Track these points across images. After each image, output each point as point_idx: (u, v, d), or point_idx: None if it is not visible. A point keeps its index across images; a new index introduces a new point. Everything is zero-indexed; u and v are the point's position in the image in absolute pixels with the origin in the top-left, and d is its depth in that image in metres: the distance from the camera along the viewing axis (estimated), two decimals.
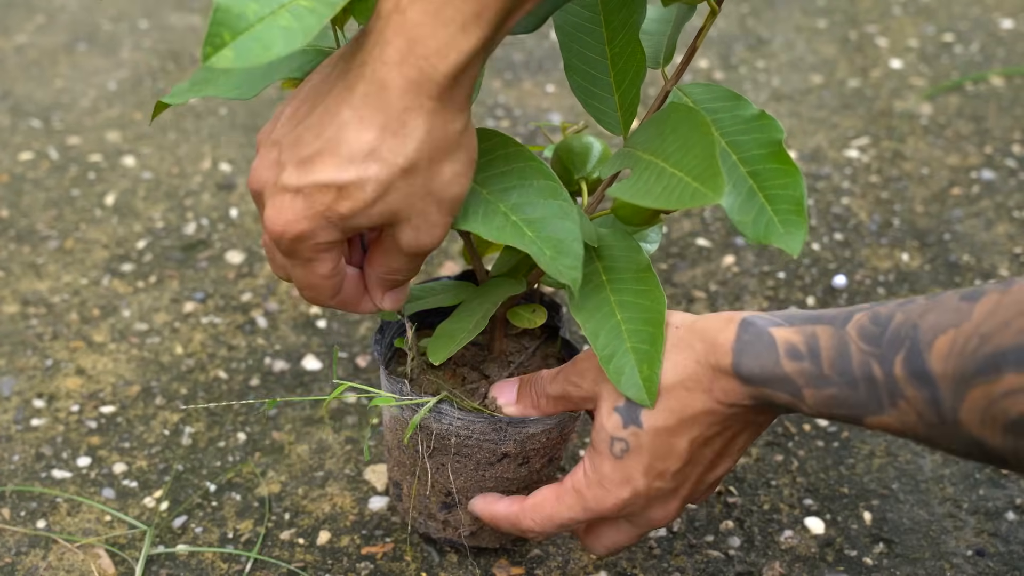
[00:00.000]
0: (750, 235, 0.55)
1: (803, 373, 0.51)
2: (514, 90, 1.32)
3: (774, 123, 0.56)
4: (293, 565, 0.71)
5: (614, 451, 0.56)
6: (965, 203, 1.09)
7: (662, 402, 0.55)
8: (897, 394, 0.48)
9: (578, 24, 0.61)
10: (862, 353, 0.49)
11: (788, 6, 1.52)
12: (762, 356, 0.52)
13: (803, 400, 0.51)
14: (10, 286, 0.98)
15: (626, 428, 0.56)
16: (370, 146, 0.48)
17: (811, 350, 0.51)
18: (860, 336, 0.49)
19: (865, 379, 0.49)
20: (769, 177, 0.55)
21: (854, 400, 0.50)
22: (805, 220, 0.54)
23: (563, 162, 0.67)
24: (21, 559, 0.72)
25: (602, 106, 0.62)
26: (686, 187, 0.50)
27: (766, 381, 0.52)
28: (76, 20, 1.50)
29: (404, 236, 0.52)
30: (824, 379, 0.50)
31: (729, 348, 0.53)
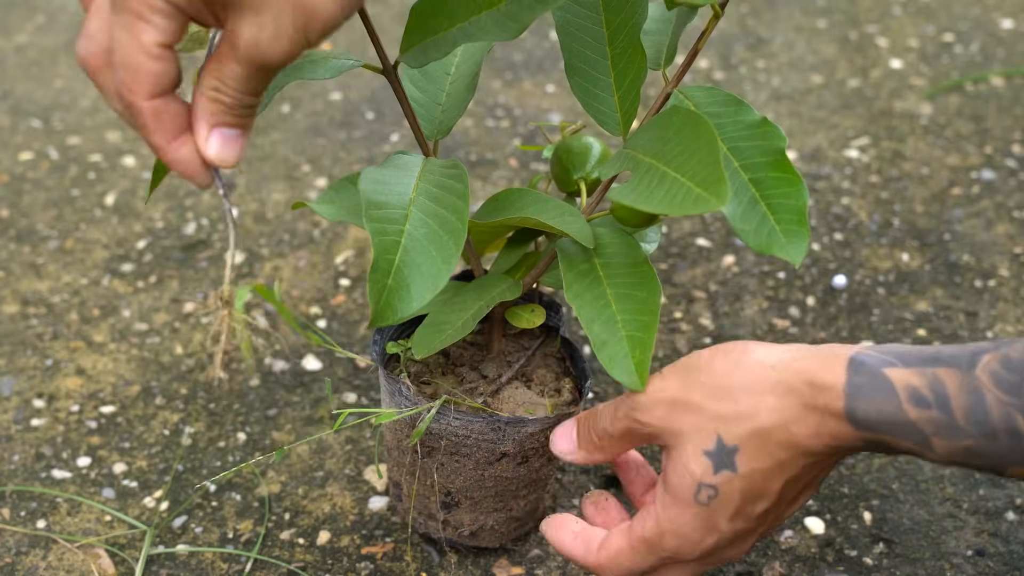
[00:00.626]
0: (752, 244, 0.55)
1: (932, 421, 0.47)
2: (514, 90, 1.32)
3: (776, 130, 0.56)
4: (293, 565, 0.71)
5: (700, 498, 0.53)
6: (965, 203, 1.09)
7: (762, 444, 0.51)
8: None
9: (579, 24, 0.61)
10: (1001, 404, 0.45)
11: (788, 6, 1.52)
12: (879, 401, 0.48)
13: (931, 449, 0.48)
14: (10, 286, 0.98)
15: (718, 474, 0.52)
16: None
17: (938, 397, 0.47)
18: (995, 384, 0.46)
19: (1008, 432, 0.45)
20: (771, 186, 0.55)
21: (994, 452, 0.46)
22: (807, 230, 0.54)
23: (562, 162, 0.67)
24: (21, 559, 0.72)
25: (602, 107, 0.62)
26: (689, 192, 0.50)
27: (887, 428, 0.49)
28: (76, 20, 1.50)
29: (244, 31, 0.43)
30: (958, 429, 0.47)
31: (841, 391, 0.49)
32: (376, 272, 0.52)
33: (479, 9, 0.54)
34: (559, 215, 0.59)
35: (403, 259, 0.53)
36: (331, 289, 0.98)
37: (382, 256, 0.53)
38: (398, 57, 0.59)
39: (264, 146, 1.21)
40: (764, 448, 0.51)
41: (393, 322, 0.53)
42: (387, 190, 0.55)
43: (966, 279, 0.98)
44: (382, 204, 0.54)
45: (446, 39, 0.55)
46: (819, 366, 0.50)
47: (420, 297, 0.53)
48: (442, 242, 0.53)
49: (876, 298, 0.96)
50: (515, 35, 0.53)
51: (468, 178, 0.57)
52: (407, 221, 0.54)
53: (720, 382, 0.53)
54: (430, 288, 0.53)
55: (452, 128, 0.66)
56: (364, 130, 1.24)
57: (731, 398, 0.52)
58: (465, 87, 0.67)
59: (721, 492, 0.52)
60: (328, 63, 0.60)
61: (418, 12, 0.57)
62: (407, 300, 0.53)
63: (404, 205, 0.55)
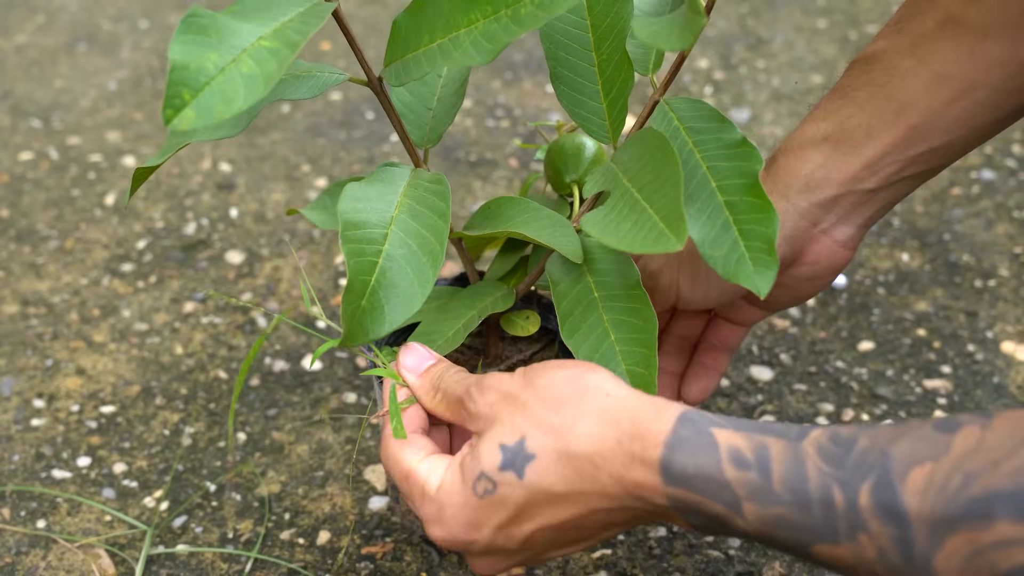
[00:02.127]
0: (720, 271, 0.54)
1: (747, 484, 0.45)
2: (514, 90, 1.32)
3: (755, 152, 0.55)
4: (293, 565, 0.71)
5: (476, 489, 0.50)
6: (965, 203, 1.09)
7: (559, 467, 0.48)
8: (858, 526, 0.42)
9: (564, 31, 0.60)
10: (821, 474, 0.44)
11: (788, 6, 1.52)
12: (700, 456, 0.46)
13: (741, 514, 0.45)
14: (10, 286, 0.98)
15: (503, 472, 0.49)
16: None
17: (760, 460, 0.45)
18: (819, 454, 0.44)
19: (822, 503, 0.43)
20: (744, 211, 0.54)
21: (804, 523, 0.44)
22: (775, 260, 0.53)
23: (555, 164, 0.67)
24: (21, 559, 0.72)
25: (590, 115, 0.61)
26: (652, 227, 0.50)
27: (700, 486, 0.46)
28: (76, 20, 1.50)
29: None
30: (772, 495, 0.44)
31: (661, 440, 0.47)
32: (350, 293, 0.52)
33: (458, 27, 0.54)
34: (549, 227, 0.58)
35: (379, 280, 0.53)
36: (331, 289, 0.98)
37: (357, 277, 0.53)
38: (381, 72, 0.58)
39: (264, 146, 1.21)
40: (561, 470, 0.48)
41: (364, 342, 0.53)
42: (368, 207, 0.55)
43: (966, 279, 0.98)
44: (361, 224, 0.54)
45: (426, 56, 0.55)
46: (648, 411, 0.48)
47: (392, 319, 0.53)
48: (420, 264, 0.53)
49: (876, 298, 0.96)
50: (490, 58, 0.51)
51: (450, 193, 0.56)
52: (387, 241, 0.54)
53: (554, 390, 0.51)
54: (404, 310, 0.53)
55: (443, 135, 0.66)
56: (364, 130, 1.24)
57: (554, 408, 0.50)
58: (454, 92, 0.66)
59: (498, 492, 0.49)
60: (312, 79, 0.59)
61: (400, 27, 0.56)
62: (380, 321, 0.53)
63: (385, 224, 0.55)
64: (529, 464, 0.49)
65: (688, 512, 0.47)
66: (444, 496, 0.52)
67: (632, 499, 0.48)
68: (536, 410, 0.50)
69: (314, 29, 0.49)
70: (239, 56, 0.47)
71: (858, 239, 0.62)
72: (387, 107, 0.61)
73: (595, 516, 0.49)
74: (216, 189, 1.13)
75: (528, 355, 0.70)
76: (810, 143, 0.60)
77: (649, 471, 0.47)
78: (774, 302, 0.66)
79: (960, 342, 0.91)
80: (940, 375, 0.87)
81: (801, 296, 0.65)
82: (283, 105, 1.29)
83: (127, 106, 1.29)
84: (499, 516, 0.50)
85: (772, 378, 0.87)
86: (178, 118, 0.45)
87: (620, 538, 0.73)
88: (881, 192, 0.60)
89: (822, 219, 0.61)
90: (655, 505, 0.48)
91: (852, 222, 0.61)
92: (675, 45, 0.51)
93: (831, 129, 0.59)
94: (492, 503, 0.50)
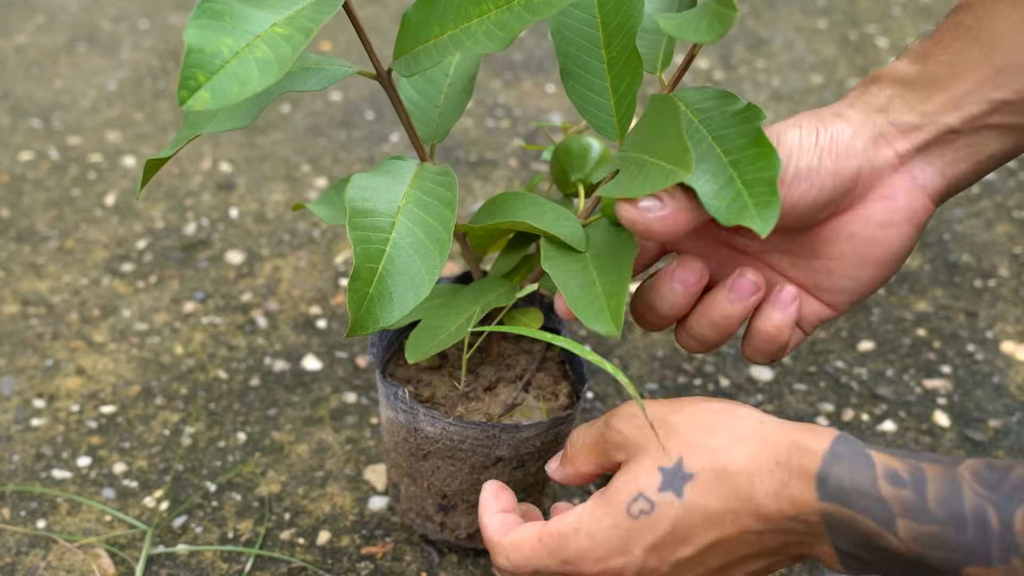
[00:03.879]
0: (723, 218, 0.51)
1: (902, 501, 0.45)
2: (514, 90, 1.32)
3: (758, 112, 0.54)
4: (293, 565, 0.71)
5: (631, 510, 0.50)
6: (965, 203, 1.09)
7: (717, 485, 0.49)
8: (1012, 550, 0.43)
9: (575, 28, 0.61)
10: (976, 496, 0.44)
11: (788, 6, 1.52)
12: (856, 471, 0.46)
13: (894, 531, 0.45)
14: (10, 286, 0.98)
15: (662, 492, 0.49)
16: None
17: (915, 480, 0.46)
18: (974, 478, 0.45)
19: (976, 523, 0.44)
20: (747, 163, 0.53)
21: (958, 543, 0.44)
22: (777, 200, 0.51)
23: (561, 164, 0.67)
24: (21, 559, 0.72)
25: (598, 111, 0.61)
26: (661, 170, 0.49)
27: (855, 500, 0.46)
28: (76, 20, 1.50)
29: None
30: (926, 513, 0.45)
31: (820, 455, 0.47)
32: (357, 280, 0.52)
33: (469, 17, 0.54)
34: (553, 219, 0.59)
35: (387, 268, 0.53)
36: (331, 289, 0.98)
37: (364, 264, 0.52)
38: (391, 64, 0.59)
39: (264, 146, 1.21)
40: (719, 489, 0.49)
41: (373, 331, 0.53)
42: (375, 196, 0.55)
43: (966, 279, 0.98)
44: (368, 212, 0.54)
45: (437, 47, 0.55)
46: (806, 432, 0.49)
47: (402, 306, 0.53)
48: (427, 252, 0.53)
49: (876, 298, 0.96)
50: (504, 45, 0.52)
51: (457, 184, 0.56)
52: (394, 229, 0.54)
53: (704, 417, 0.51)
54: (413, 297, 0.53)
55: (449, 131, 0.66)
56: (364, 130, 1.24)
57: (709, 432, 0.50)
58: (462, 89, 0.67)
59: (656, 512, 0.50)
60: (320, 72, 0.60)
61: (410, 19, 0.57)
62: (389, 309, 0.52)
63: (392, 213, 0.55)
64: (688, 483, 0.49)
65: (840, 530, 0.47)
66: (591, 524, 0.51)
67: (785, 519, 0.48)
68: (690, 434, 0.50)
69: (327, 17, 0.50)
70: (253, 41, 0.47)
71: (939, 190, 0.55)
72: (395, 101, 0.61)
73: (747, 539, 0.49)
74: (216, 189, 1.13)
75: (536, 360, 0.70)
76: (894, 77, 0.56)
77: (805, 485, 0.47)
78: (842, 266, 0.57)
79: (960, 342, 0.91)
80: (940, 375, 0.87)
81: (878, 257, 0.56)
82: (283, 105, 1.29)
83: (127, 106, 1.29)
84: (653, 536, 0.50)
85: (772, 378, 0.87)
86: (193, 99, 0.45)
87: None
88: (964, 137, 0.55)
89: (900, 144, 0.55)
90: (808, 524, 0.48)
91: (933, 163, 0.55)
92: (703, 37, 0.51)
93: (917, 67, 0.56)
94: (648, 523, 0.50)
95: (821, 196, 0.54)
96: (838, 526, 0.47)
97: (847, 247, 0.56)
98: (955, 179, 0.55)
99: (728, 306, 0.56)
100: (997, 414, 0.83)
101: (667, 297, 0.57)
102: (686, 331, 0.58)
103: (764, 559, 0.51)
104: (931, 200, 0.55)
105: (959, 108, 0.54)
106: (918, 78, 0.55)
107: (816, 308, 0.58)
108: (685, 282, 0.56)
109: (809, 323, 0.59)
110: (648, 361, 0.89)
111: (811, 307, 0.58)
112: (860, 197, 0.55)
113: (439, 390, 0.67)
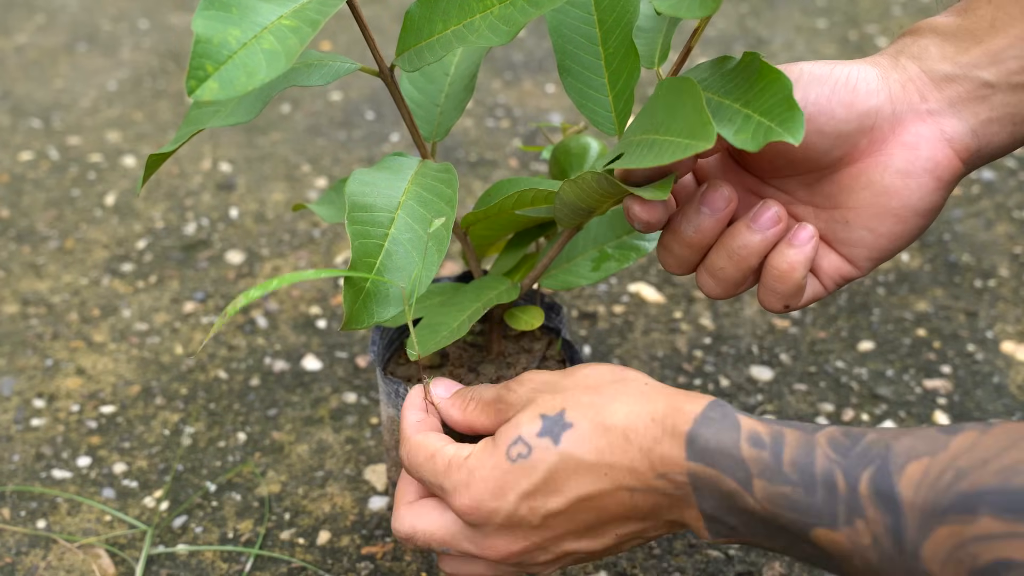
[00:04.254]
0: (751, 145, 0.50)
1: (759, 461, 0.48)
2: (514, 90, 1.32)
3: (754, 55, 0.52)
4: (293, 565, 0.71)
5: (510, 453, 0.52)
6: (965, 203, 1.09)
7: (594, 438, 0.51)
8: (856, 511, 0.45)
9: (572, 25, 0.61)
10: (828, 460, 0.46)
11: (788, 6, 1.52)
12: (722, 433, 0.49)
13: (751, 491, 0.48)
14: (10, 286, 0.98)
15: (541, 437, 0.51)
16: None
17: (775, 442, 0.48)
18: (828, 443, 0.47)
19: (825, 485, 0.46)
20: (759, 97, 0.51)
21: (807, 505, 0.46)
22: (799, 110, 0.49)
23: (560, 163, 0.67)
24: (21, 559, 0.72)
25: (596, 107, 0.62)
26: (677, 145, 0.49)
27: (718, 460, 0.49)
28: (76, 20, 1.50)
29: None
30: (781, 475, 0.47)
31: (693, 417, 0.50)
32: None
33: (472, 12, 0.54)
34: (555, 185, 0.59)
35: (384, 263, 0.53)
36: (331, 289, 0.98)
37: (361, 259, 0.53)
38: (394, 60, 0.59)
39: (264, 146, 1.21)
40: (595, 441, 0.51)
41: (368, 325, 0.53)
42: (375, 192, 0.55)
43: (966, 279, 0.98)
44: (368, 207, 0.54)
45: (440, 42, 0.55)
46: (685, 396, 0.51)
47: (399, 302, 0.53)
48: (426, 248, 0.54)
49: (876, 298, 0.96)
50: (508, 39, 0.52)
51: (458, 182, 0.57)
52: (393, 225, 0.54)
53: (594, 379, 0.54)
54: (410, 293, 0.53)
55: (451, 129, 0.66)
56: (364, 130, 1.24)
57: (595, 390, 0.53)
58: (464, 87, 0.67)
59: (532, 456, 0.51)
60: (324, 67, 0.60)
61: (413, 15, 0.57)
62: (385, 304, 0.53)
63: (392, 208, 0.55)
64: (566, 432, 0.51)
65: (705, 491, 0.49)
66: (475, 461, 0.53)
67: (656, 476, 0.50)
68: (577, 392, 0.53)
69: (333, 9, 0.50)
70: (260, 33, 0.48)
71: (968, 148, 0.53)
72: (397, 98, 0.61)
73: (618, 497, 0.51)
74: (216, 189, 1.13)
75: (539, 355, 0.70)
76: (933, 28, 0.55)
77: (675, 444, 0.49)
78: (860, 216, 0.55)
79: (960, 342, 0.91)
80: (940, 375, 0.87)
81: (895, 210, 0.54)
82: (283, 105, 1.29)
83: (127, 106, 1.29)
84: (528, 482, 0.51)
85: (772, 378, 0.87)
86: (201, 89, 0.46)
87: None
88: (999, 94, 0.53)
89: (930, 95, 0.54)
90: (676, 485, 0.50)
91: (963, 117, 0.53)
92: (697, 13, 0.51)
93: (956, 20, 0.54)
94: (523, 467, 0.51)
95: (831, 126, 0.53)
96: (703, 487, 0.49)
97: (864, 195, 0.54)
98: (988, 140, 0.53)
99: (748, 235, 0.55)
100: (997, 414, 0.83)
101: (693, 220, 0.56)
102: (705, 267, 0.58)
103: (636, 523, 0.52)
104: (958, 157, 0.53)
105: (996, 63, 0.53)
106: (957, 30, 0.54)
107: (836, 262, 0.57)
108: (713, 205, 0.55)
109: (830, 278, 0.57)
110: (648, 361, 0.89)
111: (831, 261, 0.57)
112: (880, 141, 0.54)
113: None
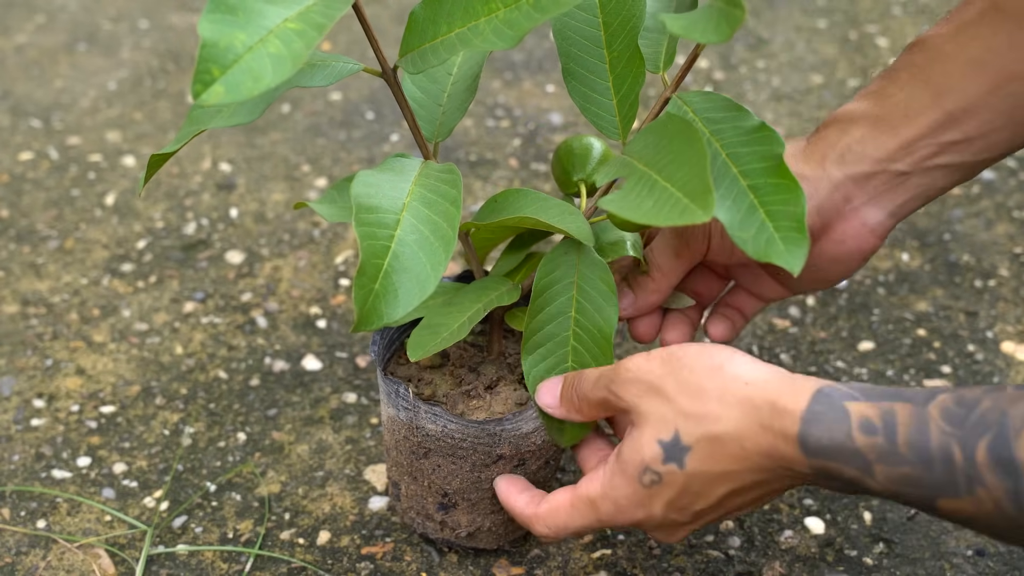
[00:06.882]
0: (751, 252, 0.54)
1: (875, 448, 0.49)
2: (514, 90, 1.32)
3: (775, 135, 0.55)
4: (293, 565, 0.71)
5: (643, 480, 0.56)
6: (965, 203, 1.09)
7: (713, 450, 0.54)
8: (976, 480, 0.46)
9: (576, 28, 0.61)
10: (943, 433, 0.47)
11: (788, 6, 1.52)
12: (833, 428, 0.50)
13: (872, 476, 0.50)
14: (10, 286, 0.98)
15: (665, 464, 0.55)
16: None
17: (887, 425, 0.49)
18: (942, 416, 0.48)
19: (943, 460, 0.47)
20: (769, 192, 0.55)
21: (928, 480, 0.48)
22: (806, 237, 0.54)
23: (562, 163, 0.67)
24: (21, 559, 0.72)
25: (600, 111, 0.62)
26: (677, 203, 0.50)
27: (834, 454, 0.50)
28: (76, 20, 1.50)
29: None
30: (898, 456, 0.48)
31: (798, 417, 0.51)
32: (363, 276, 0.52)
33: (477, 16, 0.54)
34: (559, 214, 0.59)
35: (392, 264, 0.53)
36: (331, 289, 0.98)
37: (370, 260, 0.53)
38: (397, 61, 0.59)
39: (264, 146, 1.21)
40: (714, 455, 0.54)
41: (378, 326, 0.53)
42: (380, 193, 0.55)
43: (966, 279, 0.98)
44: (374, 208, 0.54)
45: (444, 45, 0.55)
46: (786, 391, 0.52)
47: (407, 302, 0.53)
48: (433, 248, 0.54)
49: (876, 298, 0.96)
50: (513, 44, 0.52)
51: (462, 182, 0.57)
52: (399, 226, 0.54)
53: (696, 381, 0.55)
54: (418, 294, 0.53)
55: (453, 129, 0.66)
56: (364, 130, 1.24)
57: (700, 399, 0.54)
58: (466, 88, 0.67)
59: (663, 481, 0.55)
60: (327, 68, 0.60)
61: (417, 17, 0.57)
62: (394, 305, 0.53)
63: (397, 210, 0.55)
64: (687, 455, 0.54)
65: (828, 478, 0.52)
66: (611, 491, 0.57)
67: (783, 470, 0.53)
68: (683, 402, 0.55)
69: (339, 13, 0.50)
70: (266, 36, 0.48)
71: (887, 228, 0.62)
72: (400, 99, 0.61)
73: (756, 485, 0.55)
74: (216, 189, 1.13)
75: None
76: (852, 117, 0.60)
77: (791, 446, 0.51)
78: (796, 283, 0.67)
79: (960, 342, 0.91)
80: (940, 375, 0.87)
81: (825, 278, 0.65)
82: (283, 105, 1.29)
83: (127, 106, 1.29)
84: (667, 496, 0.56)
85: None
86: (207, 93, 0.46)
87: (620, 537, 0.73)
88: (914, 178, 0.60)
89: (854, 195, 0.61)
90: (801, 474, 0.53)
91: (883, 206, 0.61)
92: (711, 38, 0.51)
93: (872, 107, 0.60)
94: (659, 490, 0.56)
95: None
96: (826, 475, 0.52)
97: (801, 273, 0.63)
98: (903, 214, 0.62)
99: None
100: None
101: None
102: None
103: (779, 490, 0.57)
104: (878, 238, 0.62)
105: (911, 153, 0.59)
106: (876, 122, 0.60)
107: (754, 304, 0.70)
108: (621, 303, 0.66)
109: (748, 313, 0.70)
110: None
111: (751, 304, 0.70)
112: (815, 237, 0.62)
113: (440, 388, 0.67)
